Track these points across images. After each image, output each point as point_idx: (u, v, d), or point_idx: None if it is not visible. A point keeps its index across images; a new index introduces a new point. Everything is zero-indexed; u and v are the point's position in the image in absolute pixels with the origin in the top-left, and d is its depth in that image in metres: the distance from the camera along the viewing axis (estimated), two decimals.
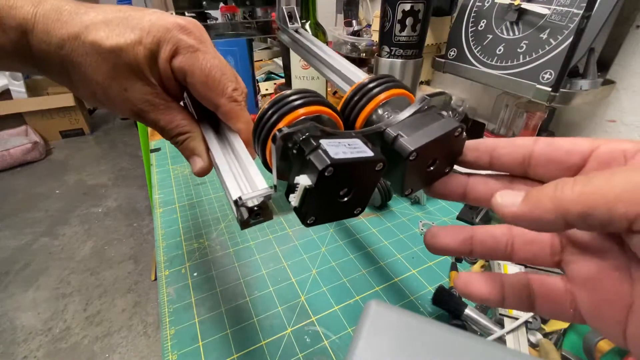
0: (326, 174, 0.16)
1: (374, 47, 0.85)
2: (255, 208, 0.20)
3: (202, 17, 0.93)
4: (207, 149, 0.24)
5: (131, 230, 1.78)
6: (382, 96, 0.22)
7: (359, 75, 0.29)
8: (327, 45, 0.66)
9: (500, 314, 0.31)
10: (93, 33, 0.19)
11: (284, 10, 0.44)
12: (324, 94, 0.72)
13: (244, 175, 0.21)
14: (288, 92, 0.20)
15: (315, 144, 0.17)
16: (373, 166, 0.18)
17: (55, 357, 1.19)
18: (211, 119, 0.25)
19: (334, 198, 0.19)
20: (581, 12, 0.41)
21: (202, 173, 0.24)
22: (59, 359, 1.19)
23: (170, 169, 0.61)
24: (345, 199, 0.19)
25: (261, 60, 1.43)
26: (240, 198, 0.19)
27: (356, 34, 0.90)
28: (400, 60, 0.61)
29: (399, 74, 0.62)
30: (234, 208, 0.20)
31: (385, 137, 0.20)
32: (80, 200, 2.00)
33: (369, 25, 0.93)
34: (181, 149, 0.24)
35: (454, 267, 0.40)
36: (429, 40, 0.69)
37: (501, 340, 0.30)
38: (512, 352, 0.16)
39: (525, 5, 0.51)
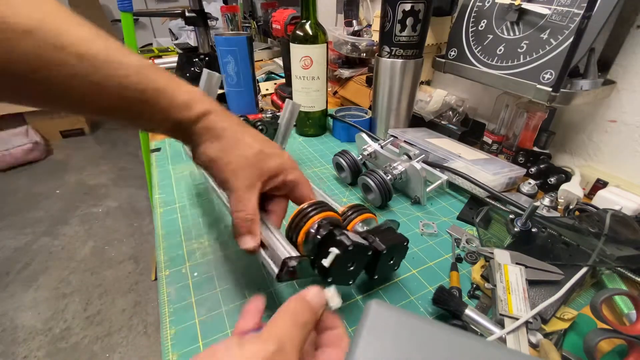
0: (349, 247, 0.29)
1: (374, 47, 0.85)
2: (291, 268, 0.29)
3: (203, 17, 0.93)
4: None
5: (131, 230, 1.78)
6: (363, 216, 0.38)
7: (332, 202, 0.45)
8: (326, 45, 0.66)
9: (500, 314, 0.31)
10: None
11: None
12: (325, 94, 0.72)
13: (281, 246, 0.31)
14: (313, 202, 0.33)
15: (342, 231, 0.31)
16: (367, 251, 0.32)
17: (56, 357, 1.19)
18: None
19: (345, 267, 0.32)
20: (582, 12, 0.41)
21: (252, 252, 0.32)
22: (59, 359, 1.19)
23: (170, 169, 0.61)
24: (351, 268, 0.32)
25: (261, 60, 1.43)
26: (288, 259, 0.29)
27: (356, 34, 0.90)
28: (400, 60, 0.61)
29: (399, 74, 0.62)
30: (276, 266, 0.29)
31: (368, 241, 0.33)
32: (81, 200, 2.01)
33: (369, 25, 0.93)
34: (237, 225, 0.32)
35: (454, 267, 0.40)
36: (430, 40, 0.69)
37: (501, 340, 0.30)
38: (512, 352, 0.16)
39: (525, 5, 0.51)
